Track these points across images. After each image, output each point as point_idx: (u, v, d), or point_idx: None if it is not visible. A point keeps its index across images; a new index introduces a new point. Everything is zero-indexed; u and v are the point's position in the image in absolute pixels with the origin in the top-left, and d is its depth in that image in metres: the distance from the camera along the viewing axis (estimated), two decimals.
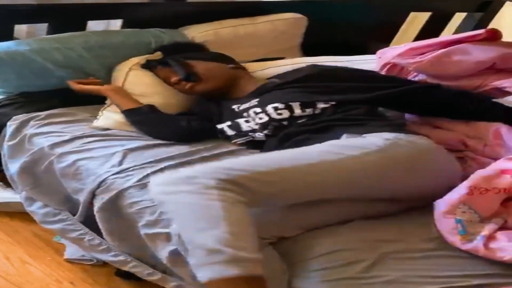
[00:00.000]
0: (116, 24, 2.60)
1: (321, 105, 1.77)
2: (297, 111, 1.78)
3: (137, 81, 2.18)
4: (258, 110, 1.85)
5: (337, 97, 1.79)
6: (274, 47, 2.67)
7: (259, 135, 1.85)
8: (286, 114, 1.78)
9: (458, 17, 3.24)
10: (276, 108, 1.80)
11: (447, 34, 3.13)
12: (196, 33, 2.51)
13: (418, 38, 3.05)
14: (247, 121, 1.89)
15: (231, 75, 2.08)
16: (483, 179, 1.48)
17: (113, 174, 1.76)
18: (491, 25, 3.01)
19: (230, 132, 1.94)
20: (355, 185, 1.46)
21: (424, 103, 1.90)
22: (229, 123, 1.94)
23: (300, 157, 1.44)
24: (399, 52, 2.26)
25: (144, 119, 2.02)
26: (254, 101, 1.89)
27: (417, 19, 3.23)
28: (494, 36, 2.29)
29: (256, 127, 1.85)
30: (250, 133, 1.88)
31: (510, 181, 1.46)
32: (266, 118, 1.82)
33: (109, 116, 2.08)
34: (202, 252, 1.21)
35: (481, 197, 1.45)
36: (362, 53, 2.54)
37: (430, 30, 3.10)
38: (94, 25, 2.50)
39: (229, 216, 1.23)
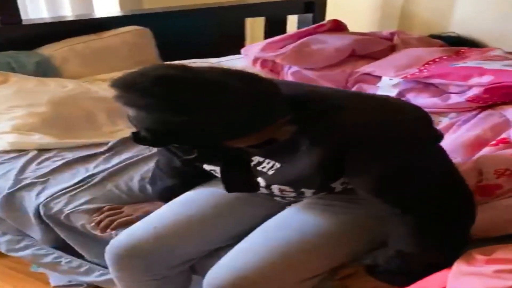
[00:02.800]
0: None
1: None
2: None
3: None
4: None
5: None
6: (133, 58, 2.69)
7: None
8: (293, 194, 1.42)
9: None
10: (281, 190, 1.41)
11: None
12: (52, 51, 2.50)
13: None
14: None
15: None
16: None
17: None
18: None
19: None
20: None
21: None
22: None
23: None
24: (260, 48, 2.42)
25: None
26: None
27: (259, 24, 3.42)
28: (339, 27, 2.55)
29: None
30: None
31: None
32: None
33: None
34: None
35: None
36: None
37: (273, 32, 3.29)
38: None
39: None
